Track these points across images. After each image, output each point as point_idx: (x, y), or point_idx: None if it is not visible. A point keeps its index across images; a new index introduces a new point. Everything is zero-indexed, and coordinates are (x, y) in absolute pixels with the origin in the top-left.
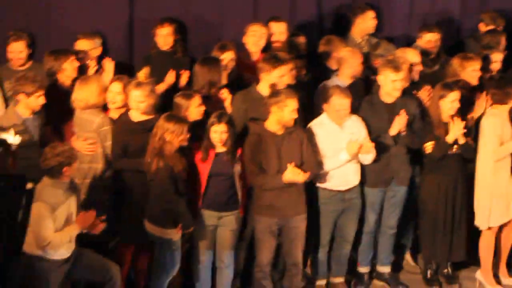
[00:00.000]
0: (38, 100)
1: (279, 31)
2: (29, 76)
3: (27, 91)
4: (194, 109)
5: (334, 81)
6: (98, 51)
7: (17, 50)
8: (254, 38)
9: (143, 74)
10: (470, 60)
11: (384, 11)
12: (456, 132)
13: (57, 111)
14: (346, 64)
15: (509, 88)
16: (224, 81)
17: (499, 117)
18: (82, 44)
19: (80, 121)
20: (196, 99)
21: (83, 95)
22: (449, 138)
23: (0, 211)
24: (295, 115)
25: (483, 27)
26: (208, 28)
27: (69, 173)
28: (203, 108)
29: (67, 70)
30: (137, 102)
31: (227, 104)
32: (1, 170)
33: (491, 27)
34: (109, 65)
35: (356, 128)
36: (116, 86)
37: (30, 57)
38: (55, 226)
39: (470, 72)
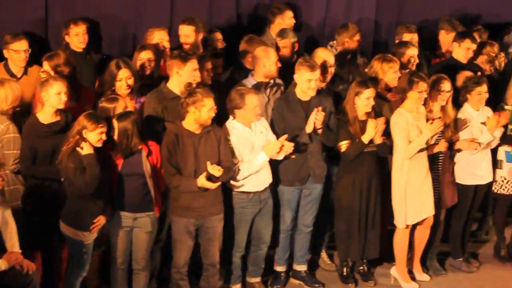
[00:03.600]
0: None
1: (185, 33)
2: None
3: None
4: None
5: (249, 80)
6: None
7: None
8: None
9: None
10: (390, 61)
11: (302, 11)
12: (371, 132)
13: None
14: (260, 63)
15: (405, 84)
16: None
17: (405, 115)
18: None
19: None
20: (121, 102)
21: None
22: (365, 138)
23: None
24: (213, 114)
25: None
26: (125, 27)
27: None
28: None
29: None
30: (58, 98)
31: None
32: None
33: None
34: None
35: (263, 128)
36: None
37: None
38: None
39: (390, 73)
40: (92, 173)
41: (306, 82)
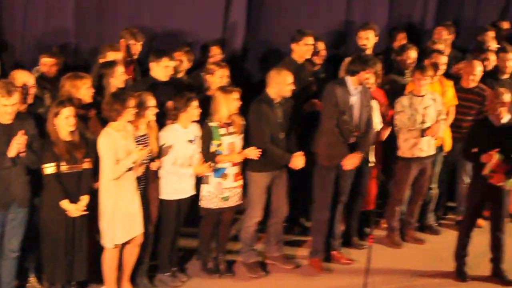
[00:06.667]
0: None
1: None
2: None
3: None
4: None
5: None
6: None
7: None
8: None
9: None
10: (82, 78)
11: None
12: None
13: None
14: None
15: (117, 104)
16: None
17: (112, 135)
18: None
19: None
20: None
21: None
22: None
23: None
24: None
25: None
26: None
27: None
28: None
29: None
30: None
31: None
32: None
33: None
34: None
35: None
36: None
37: None
38: None
39: (84, 89)
40: None
41: (2, 107)
